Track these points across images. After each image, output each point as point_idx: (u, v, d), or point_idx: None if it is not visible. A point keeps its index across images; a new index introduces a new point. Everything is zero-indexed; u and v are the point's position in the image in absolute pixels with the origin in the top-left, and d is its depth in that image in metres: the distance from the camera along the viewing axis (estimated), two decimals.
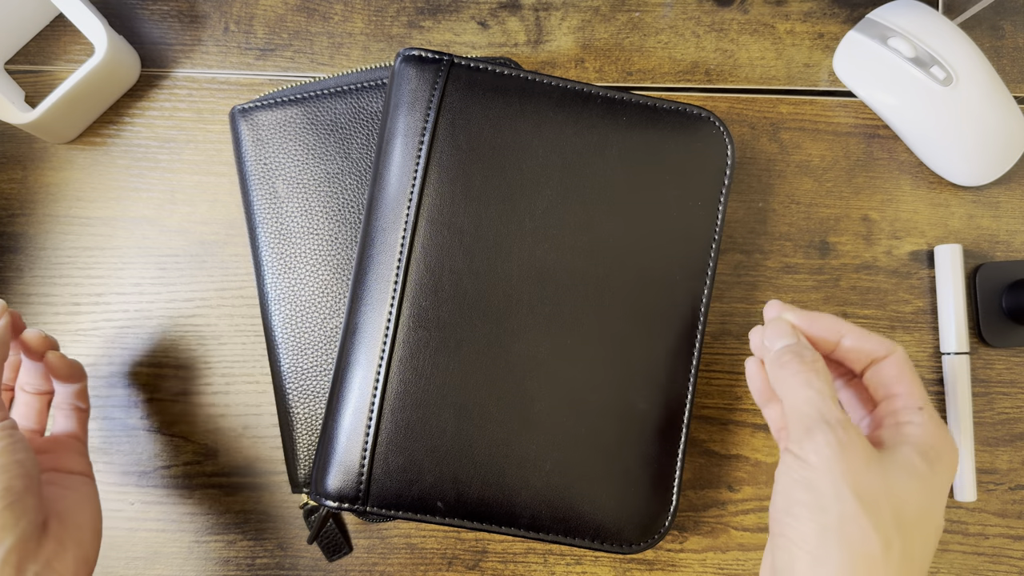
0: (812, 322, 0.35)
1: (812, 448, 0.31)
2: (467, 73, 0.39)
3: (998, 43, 0.49)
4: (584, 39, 0.48)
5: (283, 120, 0.44)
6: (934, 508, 0.32)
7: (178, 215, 0.47)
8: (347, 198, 0.43)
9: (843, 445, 0.30)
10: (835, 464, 0.30)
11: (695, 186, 0.40)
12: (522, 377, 0.38)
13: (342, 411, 0.38)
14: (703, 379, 0.46)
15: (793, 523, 0.30)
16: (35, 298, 0.46)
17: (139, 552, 0.45)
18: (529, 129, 0.39)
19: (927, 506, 0.31)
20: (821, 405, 0.32)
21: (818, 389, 0.32)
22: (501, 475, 0.38)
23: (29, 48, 0.48)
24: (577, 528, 0.39)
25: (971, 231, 0.47)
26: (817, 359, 0.33)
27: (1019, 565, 0.45)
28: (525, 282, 0.39)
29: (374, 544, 0.45)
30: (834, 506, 0.30)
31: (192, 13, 0.48)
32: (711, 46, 0.48)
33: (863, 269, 0.47)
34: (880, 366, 0.34)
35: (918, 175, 0.48)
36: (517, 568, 0.45)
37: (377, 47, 0.48)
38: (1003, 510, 0.46)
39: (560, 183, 0.39)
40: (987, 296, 0.46)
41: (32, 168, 0.47)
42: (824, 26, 0.49)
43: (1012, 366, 0.47)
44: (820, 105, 0.48)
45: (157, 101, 0.48)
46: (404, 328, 0.38)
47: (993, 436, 0.46)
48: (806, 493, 0.30)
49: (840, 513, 0.30)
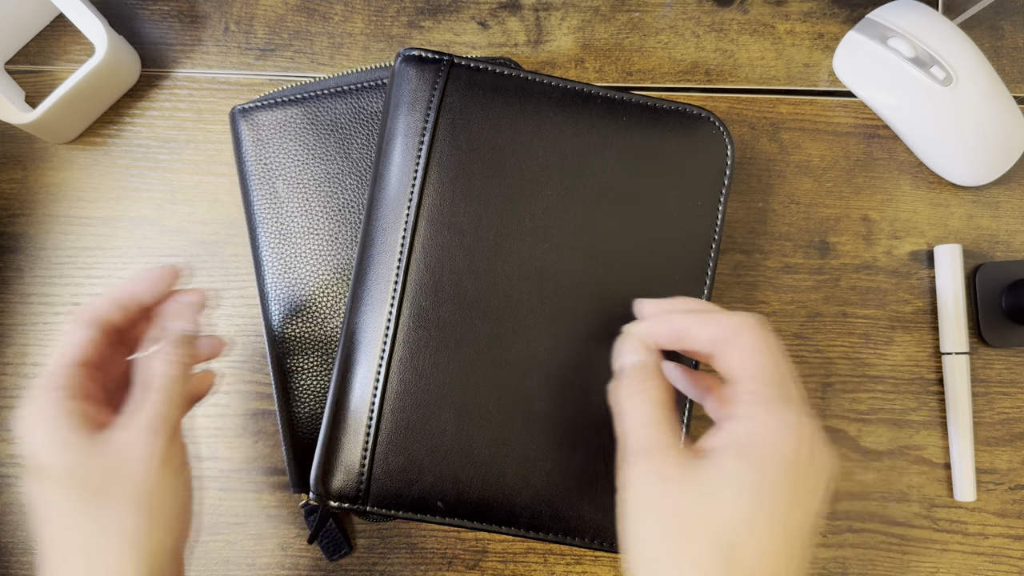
0: (658, 331, 0.33)
1: (627, 478, 0.29)
2: (467, 73, 0.39)
3: (998, 43, 0.49)
4: (584, 39, 0.48)
5: (283, 120, 0.44)
6: (781, 518, 0.27)
7: (178, 215, 0.47)
8: (347, 198, 0.43)
9: (654, 473, 0.28)
10: (643, 495, 0.28)
11: (695, 186, 0.40)
12: (522, 377, 0.38)
13: (342, 411, 0.38)
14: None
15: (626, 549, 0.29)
16: (35, 298, 0.46)
17: None
18: (529, 129, 0.39)
19: (765, 518, 0.27)
20: (641, 432, 0.30)
21: (642, 416, 0.30)
22: (501, 475, 0.38)
23: (29, 48, 0.48)
24: (577, 528, 0.39)
25: (971, 231, 0.47)
26: (650, 378, 0.31)
27: (1019, 565, 0.45)
28: (525, 282, 0.39)
29: (374, 544, 0.45)
30: (642, 547, 0.28)
31: (192, 13, 0.48)
32: (711, 46, 0.48)
33: (863, 269, 0.47)
34: (724, 353, 0.31)
35: (918, 175, 0.48)
36: (517, 568, 0.45)
37: (377, 47, 0.48)
38: (1003, 510, 0.46)
39: (560, 183, 0.39)
40: (987, 296, 0.46)
41: (32, 168, 0.47)
42: (824, 26, 0.49)
43: (1012, 366, 0.47)
44: (820, 105, 0.48)
45: (157, 101, 0.48)
46: (404, 328, 0.38)
47: (993, 436, 0.46)
48: (623, 524, 0.29)
49: (650, 554, 0.28)
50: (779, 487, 0.27)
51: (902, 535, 0.45)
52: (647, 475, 0.29)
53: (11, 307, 0.46)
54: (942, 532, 0.45)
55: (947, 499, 0.46)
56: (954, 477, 0.45)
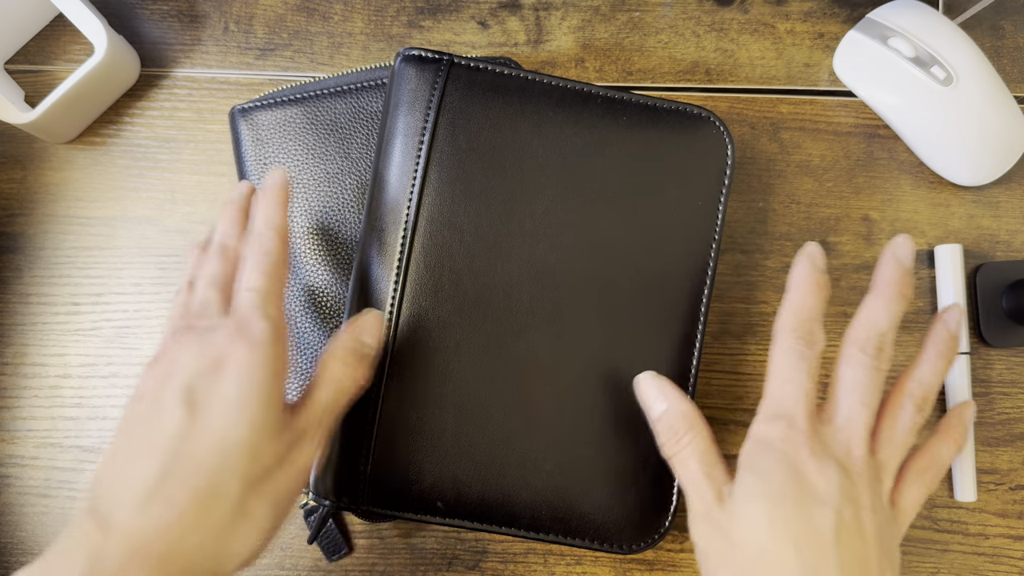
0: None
1: (695, 541, 0.35)
2: (467, 73, 0.39)
3: (998, 43, 0.49)
4: (584, 39, 0.48)
5: (283, 120, 0.44)
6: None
7: (178, 215, 0.47)
8: (347, 198, 0.43)
9: (712, 529, 0.34)
10: (709, 554, 0.34)
11: (695, 186, 0.40)
12: (522, 377, 0.38)
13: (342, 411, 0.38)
14: (703, 379, 0.46)
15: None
16: (34, 298, 0.46)
17: None
18: (529, 129, 0.39)
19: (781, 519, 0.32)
20: (691, 474, 0.35)
21: (687, 475, 0.35)
22: (501, 475, 0.38)
23: (29, 48, 0.48)
24: (577, 528, 0.39)
25: (971, 231, 0.47)
26: (692, 424, 0.36)
27: (1019, 565, 0.45)
28: (525, 282, 0.39)
29: (374, 544, 0.45)
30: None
31: (192, 13, 0.48)
32: (711, 46, 0.48)
33: (863, 269, 0.47)
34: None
35: (918, 175, 0.48)
36: (517, 568, 0.45)
37: (377, 47, 0.48)
38: (1003, 510, 0.46)
39: (560, 183, 0.39)
40: (987, 296, 0.46)
41: (32, 168, 0.47)
42: (824, 26, 0.49)
43: (1012, 366, 0.47)
44: (820, 105, 0.48)
45: (157, 101, 0.48)
46: (404, 328, 0.38)
47: (993, 436, 0.46)
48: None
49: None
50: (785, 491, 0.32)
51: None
52: (706, 535, 0.34)
53: (10, 307, 0.46)
54: (943, 532, 0.45)
55: (948, 499, 0.46)
56: (955, 477, 0.45)
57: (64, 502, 0.45)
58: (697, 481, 0.34)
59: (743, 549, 0.32)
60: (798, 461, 0.32)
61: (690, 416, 0.36)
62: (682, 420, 0.36)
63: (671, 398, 0.36)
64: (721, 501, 0.33)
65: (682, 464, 0.35)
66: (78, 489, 0.45)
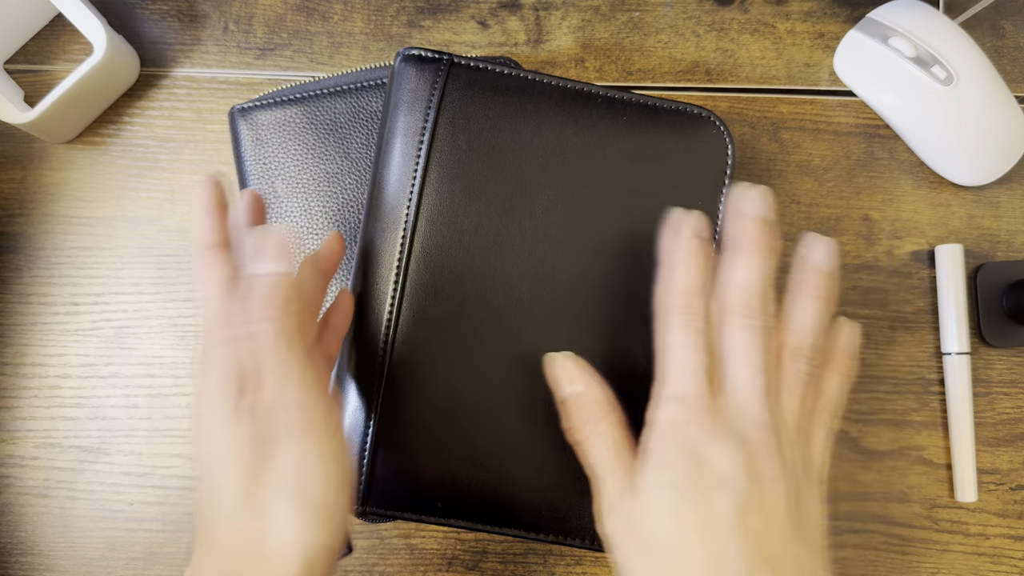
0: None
1: (603, 529, 0.34)
2: (467, 72, 0.39)
3: (999, 43, 0.49)
4: (584, 39, 0.48)
5: (283, 120, 0.44)
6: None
7: (177, 215, 0.47)
8: (347, 198, 0.43)
9: (622, 517, 0.33)
10: (621, 546, 0.33)
11: (695, 186, 0.40)
12: (522, 377, 0.38)
13: (342, 411, 0.38)
14: None
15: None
16: (34, 298, 0.46)
17: (138, 552, 0.45)
18: (529, 129, 0.39)
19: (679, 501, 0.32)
20: (601, 463, 0.34)
21: (597, 459, 0.34)
22: (501, 476, 0.38)
23: (28, 48, 0.48)
24: (578, 529, 0.39)
25: (972, 231, 0.47)
26: (606, 411, 0.35)
27: (1020, 565, 0.45)
28: (525, 282, 0.39)
29: (374, 544, 0.45)
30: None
31: (191, 13, 0.48)
32: (711, 46, 0.48)
33: (864, 269, 0.47)
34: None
35: (919, 175, 0.48)
36: (517, 568, 0.45)
37: (377, 47, 0.48)
38: (1004, 510, 0.46)
39: (560, 183, 0.39)
40: (988, 296, 0.46)
41: (31, 168, 0.47)
42: (824, 25, 0.49)
43: (1013, 366, 0.47)
44: (821, 105, 0.48)
45: (156, 101, 0.48)
46: (403, 328, 0.38)
47: (994, 436, 0.46)
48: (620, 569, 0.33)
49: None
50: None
51: (903, 536, 0.45)
52: (616, 527, 0.33)
53: (10, 307, 0.46)
54: (943, 533, 0.45)
55: (948, 500, 0.45)
56: (955, 477, 0.45)
57: (64, 502, 0.45)
58: (609, 469, 0.33)
59: (652, 542, 0.31)
60: (696, 443, 0.31)
61: (608, 402, 0.35)
62: (597, 405, 0.35)
63: (589, 382, 0.35)
64: (632, 490, 0.32)
65: (594, 450, 0.34)
66: (78, 489, 0.45)
